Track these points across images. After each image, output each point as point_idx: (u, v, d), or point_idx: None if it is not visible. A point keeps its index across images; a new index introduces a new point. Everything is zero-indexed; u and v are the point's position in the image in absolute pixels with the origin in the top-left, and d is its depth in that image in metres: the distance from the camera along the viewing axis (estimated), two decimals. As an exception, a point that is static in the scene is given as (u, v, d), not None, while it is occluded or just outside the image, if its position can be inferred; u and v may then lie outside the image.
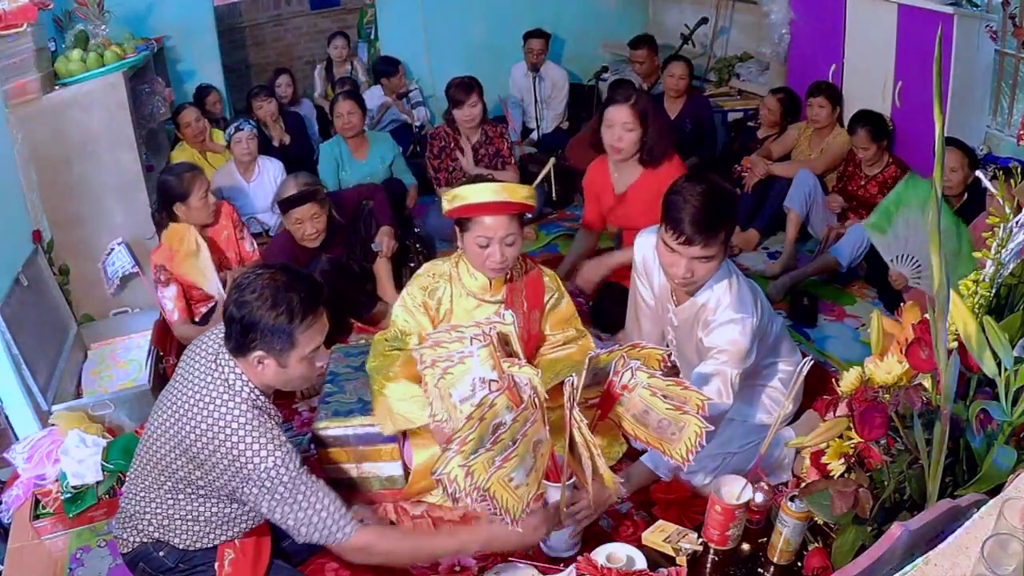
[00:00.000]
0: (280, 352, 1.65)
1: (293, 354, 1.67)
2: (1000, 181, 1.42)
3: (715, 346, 1.93)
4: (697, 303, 2.01)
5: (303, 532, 1.65)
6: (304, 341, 1.67)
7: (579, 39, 5.82)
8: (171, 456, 1.68)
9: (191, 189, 2.86)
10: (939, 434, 1.22)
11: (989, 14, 3.18)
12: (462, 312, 2.19)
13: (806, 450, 1.52)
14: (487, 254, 2.05)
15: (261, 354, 1.65)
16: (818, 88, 3.82)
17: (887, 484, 1.34)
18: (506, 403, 1.62)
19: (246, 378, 1.69)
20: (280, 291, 1.63)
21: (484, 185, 2.04)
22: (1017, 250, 1.39)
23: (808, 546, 1.53)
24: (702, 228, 1.81)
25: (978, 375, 1.31)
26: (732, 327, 1.92)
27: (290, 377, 1.72)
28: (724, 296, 1.97)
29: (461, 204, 2.04)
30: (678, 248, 1.86)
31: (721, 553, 1.62)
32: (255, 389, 1.69)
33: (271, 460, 1.61)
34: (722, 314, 1.94)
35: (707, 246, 1.84)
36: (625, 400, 1.70)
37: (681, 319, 2.09)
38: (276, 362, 1.67)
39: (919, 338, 1.32)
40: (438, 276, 2.21)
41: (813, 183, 3.63)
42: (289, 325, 1.63)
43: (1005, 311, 1.46)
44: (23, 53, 2.85)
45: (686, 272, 1.88)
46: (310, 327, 1.67)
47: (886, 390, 1.39)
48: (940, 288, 1.16)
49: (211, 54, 5.06)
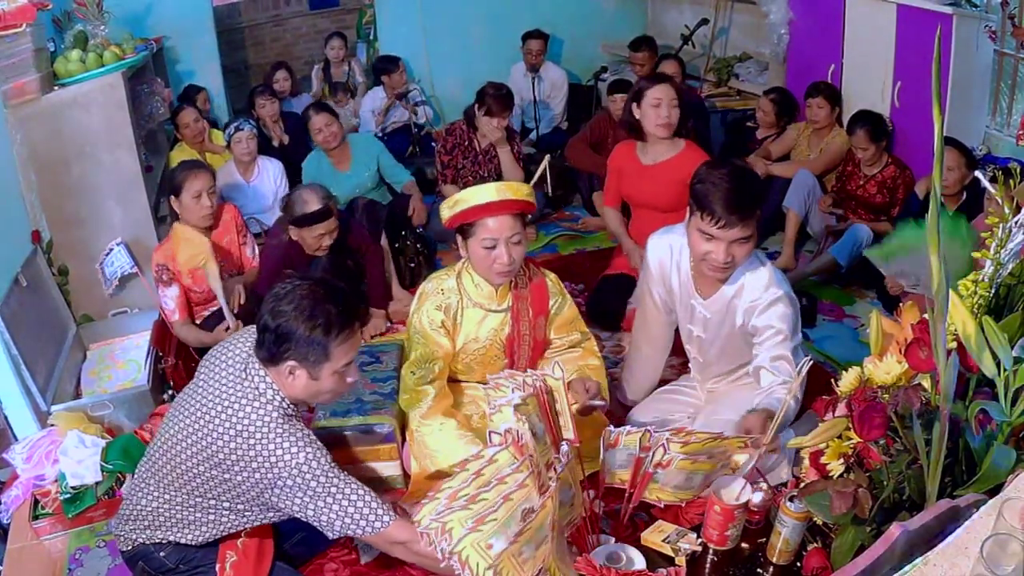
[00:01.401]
0: (313, 364, 1.65)
1: (326, 367, 1.67)
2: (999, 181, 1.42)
3: (769, 325, 1.92)
4: (730, 290, 2.01)
5: (338, 527, 1.64)
6: (338, 355, 1.67)
7: (578, 39, 5.83)
8: (194, 461, 1.67)
9: (183, 185, 2.84)
10: (938, 434, 1.22)
11: (988, 14, 3.18)
12: (469, 324, 2.16)
13: (805, 450, 1.52)
14: (494, 256, 2.01)
15: (293, 364, 1.65)
16: (817, 88, 3.82)
17: (886, 484, 1.34)
18: (509, 460, 1.49)
19: (276, 387, 1.68)
20: (318, 303, 1.64)
21: (484, 186, 2.02)
22: (1016, 250, 1.39)
23: (807, 546, 1.53)
24: (737, 209, 1.82)
25: (977, 375, 1.31)
26: (781, 304, 1.93)
27: (320, 390, 1.71)
28: (762, 276, 1.97)
29: (464, 208, 2.00)
30: (717, 233, 1.86)
31: (720, 553, 1.62)
32: (285, 399, 1.69)
33: (302, 455, 1.61)
34: (768, 293, 1.94)
35: (745, 226, 1.85)
36: (661, 477, 1.61)
37: (713, 310, 2.06)
38: (308, 373, 1.67)
39: (918, 338, 1.32)
40: (447, 291, 2.15)
41: (812, 183, 3.63)
42: (325, 338, 1.63)
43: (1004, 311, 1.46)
44: (22, 53, 2.85)
45: (727, 257, 1.88)
46: (345, 341, 1.67)
47: (885, 390, 1.39)
48: (940, 288, 1.16)
49: (210, 54, 5.07)
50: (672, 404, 2.30)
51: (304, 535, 1.98)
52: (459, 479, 1.46)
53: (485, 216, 1.99)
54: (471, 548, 1.37)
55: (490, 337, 2.17)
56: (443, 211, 2.06)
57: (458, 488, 1.44)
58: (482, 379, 2.30)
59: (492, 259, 2.01)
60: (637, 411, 2.32)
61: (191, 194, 2.85)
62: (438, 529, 1.40)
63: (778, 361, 1.89)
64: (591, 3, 5.85)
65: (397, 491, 2.23)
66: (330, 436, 2.15)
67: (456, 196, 2.03)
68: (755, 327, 1.96)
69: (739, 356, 2.13)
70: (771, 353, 1.91)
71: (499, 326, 2.16)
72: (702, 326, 2.12)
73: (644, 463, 1.58)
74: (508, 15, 5.48)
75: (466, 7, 5.51)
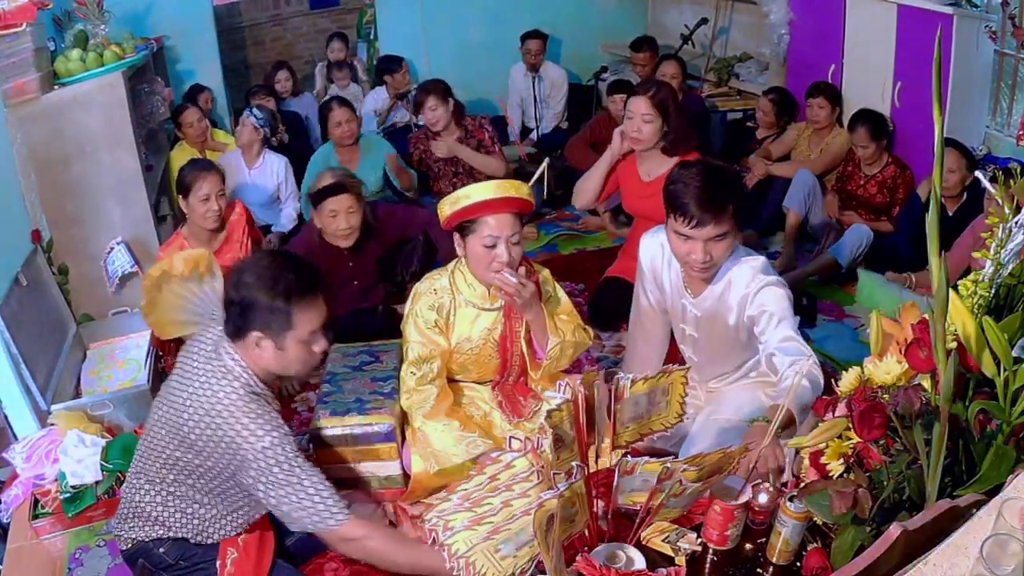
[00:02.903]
0: (278, 332, 1.67)
1: (290, 335, 1.69)
2: (999, 182, 1.42)
3: (764, 310, 1.90)
4: (718, 288, 2.00)
5: (295, 517, 1.66)
6: (302, 322, 1.68)
7: (578, 39, 5.83)
8: (171, 447, 1.69)
9: (191, 187, 2.83)
10: (938, 434, 1.22)
11: (989, 14, 3.18)
12: (462, 323, 2.17)
13: (805, 450, 1.52)
14: (495, 255, 2.01)
15: (258, 335, 1.67)
16: (817, 88, 3.82)
17: (886, 484, 1.34)
18: (526, 466, 1.49)
19: (245, 364, 1.70)
20: (279, 272, 1.67)
21: (484, 184, 2.03)
22: (1016, 250, 1.39)
23: (807, 546, 1.53)
24: (709, 206, 1.82)
25: (977, 375, 1.31)
26: (772, 288, 1.91)
27: (288, 361, 1.73)
28: (749, 268, 1.96)
29: (463, 206, 2.01)
30: (692, 233, 1.86)
31: (720, 553, 1.62)
32: (254, 375, 1.71)
33: (267, 439, 1.63)
34: (756, 281, 1.93)
35: (718, 223, 1.84)
36: (673, 503, 1.59)
37: (704, 308, 2.06)
38: (274, 343, 1.69)
39: (918, 338, 1.32)
40: (440, 291, 2.16)
41: (812, 183, 3.63)
42: (287, 304, 1.66)
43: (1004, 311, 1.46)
44: (22, 53, 2.84)
45: (704, 256, 1.88)
46: (308, 308, 1.69)
47: (885, 390, 1.39)
48: (939, 288, 1.16)
49: (210, 54, 5.06)
50: None
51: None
52: (474, 482, 1.48)
53: (485, 214, 2.00)
54: (462, 542, 1.41)
55: (483, 337, 2.17)
56: (443, 208, 2.07)
57: (472, 491, 1.46)
58: (478, 379, 2.31)
59: (492, 258, 2.01)
60: None
61: (199, 197, 2.83)
62: (442, 526, 1.42)
63: (786, 342, 1.86)
64: (591, 3, 5.84)
65: (397, 491, 2.23)
66: (330, 436, 2.15)
67: (456, 193, 2.04)
68: (751, 317, 1.95)
69: (734, 356, 2.12)
70: (776, 336, 1.88)
71: (492, 325, 2.17)
72: (694, 325, 2.12)
73: (660, 495, 1.52)
74: (508, 15, 5.48)
75: (466, 7, 5.51)
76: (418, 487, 2.13)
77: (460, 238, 2.08)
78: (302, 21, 6.72)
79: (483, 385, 2.32)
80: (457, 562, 1.40)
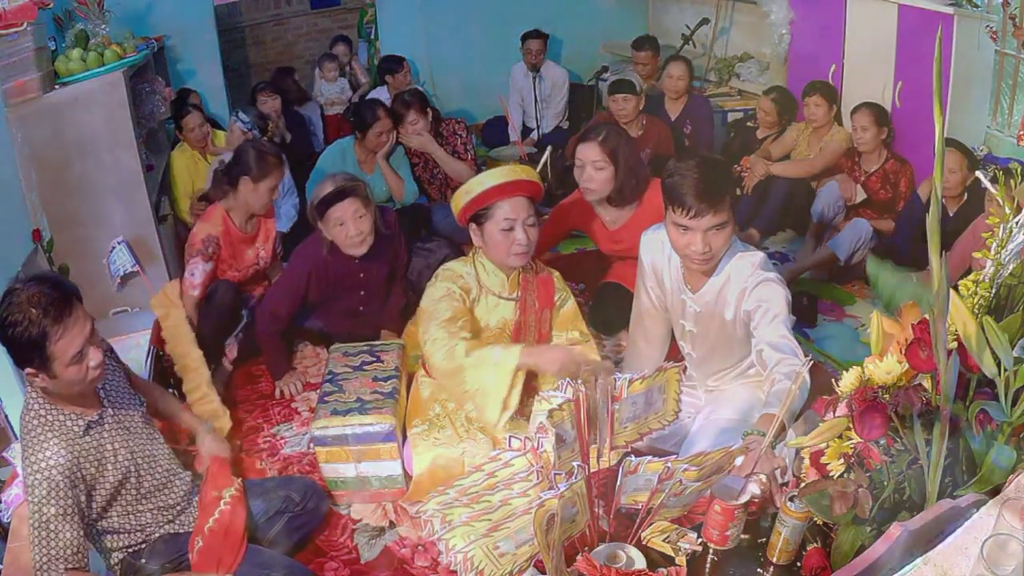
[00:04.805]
0: (42, 366, 1.61)
1: (56, 364, 1.62)
2: (1000, 182, 1.42)
3: (760, 306, 1.91)
4: (718, 282, 2.01)
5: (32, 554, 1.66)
6: (60, 351, 1.61)
7: (579, 39, 5.83)
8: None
9: (268, 173, 2.87)
10: (939, 434, 1.22)
11: (989, 14, 3.18)
12: (483, 311, 2.21)
13: (805, 450, 1.52)
14: (513, 238, 2.07)
15: (30, 371, 1.63)
16: (813, 87, 3.82)
17: (886, 484, 1.34)
18: (525, 465, 1.49)
19: (33, 393, 1.70)
20: (21, 309, 1.58)
21: (495, 170, 2.10)
22: (1017, 250, 1.39)
23: (807, 546, 1.53)
24: (707, 196, 1.83)
25: (978, 375, 1.31)
26: (769, 284, 1.92)
27: (66, 383, 1.67)
28: (748, 262, 1.97)
29: (478, 192, 2.06)
30: (691, 224, 1.87)
31: (720, 553, 1.62)
32: (46, 402, 1.69)
33: (32, 471, 1.66)
34: (755, 276, 1.94)
35: (717, 213, 1.86)
36: (673, 503, 1.59)
37: (703, 303, 2.07)
38: (46, 375, 1.63)
39: (919, 338, 1.32)
40: (467, 276, 2.20)
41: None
42: (43, 339, 1.58)
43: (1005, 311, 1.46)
44: (23, 52, 2.84)
45: (704, 247, 1.89)
46: (62, 337, 1.60)
47: (886, 390, 1.39)
48: (940, 288, 1.16)
49: (211, 53, 5.06)
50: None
51: (288, 517, 2.01)
52: (472, 478, 1.49)
53: (499, 199, 2.06)
54: (461, 537, 1.41)
55: (499, 325, 2.22)
56: (457, 200, 2.12)
57: (468, 487, 1.47)
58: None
59: (511, 241, 2.08)
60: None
61: (268, 185, 2.89)
62: (439, 519, 1.42)
63: (779, 339, 1.86)
64: (591, 3, 5.84)
65: (397, 491, 2.23)
66: (331, 436, 2.16)
67: (466, 184, 2.09)
68: (747, 311, 1.95)
69: (732, 352, 2.13)
70: (769, 332, 1.89)
71: (508, 315, 2.22)
72: (693, 320, 2.13)
73: (661, 494, 1.53)
74: (508, 15, 5.47)
75: (467, 7, 5.52)
76: (419, 488, 2.13)
77: (476, 227, 2.13)
78: (303, 21, 6.72)
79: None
80: (455, 557, 1.40)
